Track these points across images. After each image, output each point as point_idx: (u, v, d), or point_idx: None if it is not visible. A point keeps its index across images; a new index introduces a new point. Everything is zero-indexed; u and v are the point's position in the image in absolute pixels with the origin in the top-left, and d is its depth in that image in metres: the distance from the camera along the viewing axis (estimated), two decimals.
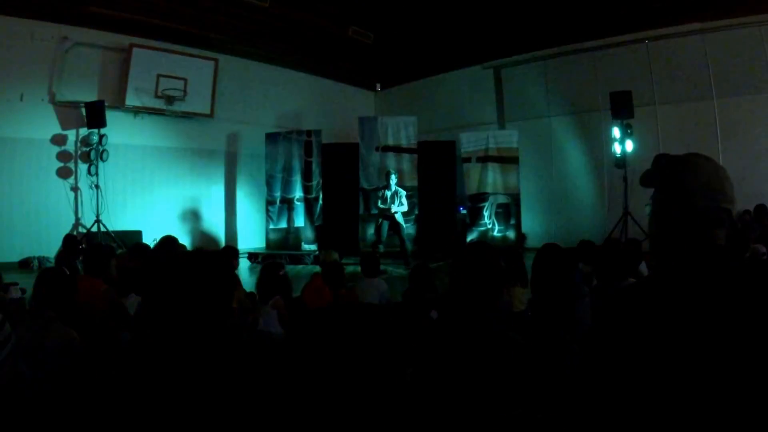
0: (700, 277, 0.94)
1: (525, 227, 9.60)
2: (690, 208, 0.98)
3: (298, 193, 9.28)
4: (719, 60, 8.15)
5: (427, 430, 1.82)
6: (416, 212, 9.03)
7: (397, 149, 9.20)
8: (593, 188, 9.40)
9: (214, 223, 9.91)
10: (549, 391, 2.18)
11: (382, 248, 7.91)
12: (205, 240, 9.40)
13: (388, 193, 7.89)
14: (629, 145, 8.13)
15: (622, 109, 8.03)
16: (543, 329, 2.73)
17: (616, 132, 8.26)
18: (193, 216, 9.57)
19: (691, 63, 8.38)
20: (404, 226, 8.13)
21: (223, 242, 9.66)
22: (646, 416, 0.89)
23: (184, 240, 8.63)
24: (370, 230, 8.76)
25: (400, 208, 7.89)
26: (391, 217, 7.86)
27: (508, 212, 9.24)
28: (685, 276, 0.96)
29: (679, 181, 1.01)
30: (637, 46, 8.82)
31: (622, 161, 8.11)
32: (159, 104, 8.77)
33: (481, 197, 9.29)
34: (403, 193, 8.03)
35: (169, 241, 3.69)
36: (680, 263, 0.98)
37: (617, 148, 8.25)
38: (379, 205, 7.96)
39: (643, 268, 4.40)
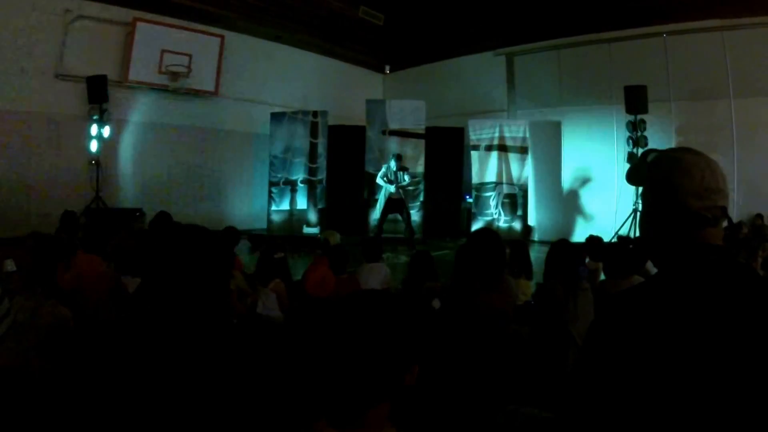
0: (701, 279, 0.90)
1: (532, 219, 9.50)
2: (683, 210, 0.93)
3: (301, 174, 9.19)
4: (738, 59, 7.98)
5: (430, 421, 1.76)
6: (421, 199, 8.95)
7: (404, 134, 9.08)
8: (603, 183, 9.26)
9: (215, 203, 9.83)
10: (551, 386, 2.11)
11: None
12: (205, 220, 9.31)
13: (392, 172, 7.93)
14: (642, 141, 8.00)
15: (636, 103, 7.92)
16: (548, 322, 2.67)
17: (628, 126, 8.12)
18: (194, 195, 9.48)
19: (709, 60, 8.21)
20: (410, 211, 8.16)
21: (224, 223, 9.58)
22: (640, 419, 0.86)
23: (184, 220, 8.57)
24: (372, 214, 8.73)
25: (402, 182, 7.96)
26: (397, 200, 7.85)
27: (515, 203, 9.15)
28: (685, 278, 0.91)
29: (671, 182, 0.94)
30: (654, 39, 8.63)
31: (633, 156, 7.98)
32: (163, 80, 8.63)
33: (488, 186, 9.18)
34: (405, 171, 8.10)
35: (163, 217, 3.60)
36: (678, 265, 0.94)
37: (629, 143, 8.12)
38: (383, 182, 7.96)
39: (650, 266, 4.31)
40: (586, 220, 9.21)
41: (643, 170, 1.02)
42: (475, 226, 8.81)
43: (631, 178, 1.05)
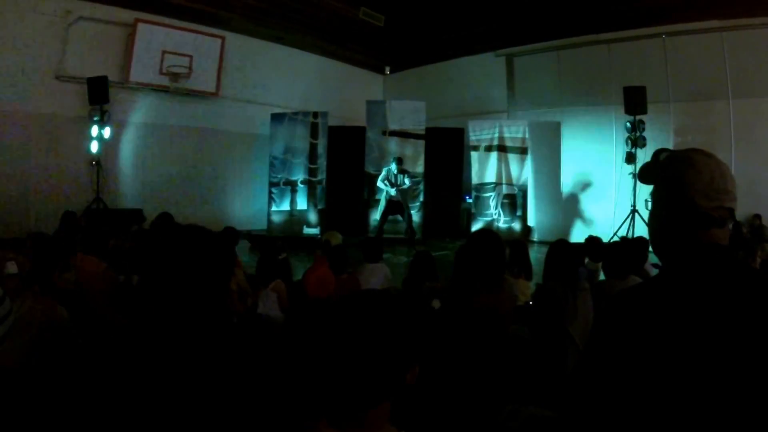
0: (704, 279, 0.90)
1: (531, 219, 9.51)
2: (691, 209, 0.94)
3: (301, 175, 9.19)
4: (737, 60, 7.99)
5: (430, 421, 1.77)
6: (421, 199, 8.97)
7: (405, 134, 9.10)
8: (602, 183, 9.27)
9: (216, 204, 9.83)
10: (550, 386, 2.12)
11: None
12: (206, 221, 9.29)
13: (393, 175, 8.01)
14: (641, 141, 8.01)
15: (635, 104, 7.92)
16: (547, 322, 2.68)
17: (627, 127, 8.13)
18: (194, 196, 9.48)
19: (707, 61, 8.21)
20: (410, 211, 8.23)
21: (224, 223, 9.58)
22: (642, 418, 0.86)
23: (185, 220, 8.59)
24: (373, 215, 8.74)
25: (403, 185, 8.04)
26: (397, 202, 7.89)
27: (515, 203, 9.16)
28: (687, 277, 0.92)
29: (681, 180, 0.96)
30: (653, 40, 8.63)
31: (632, 157, 7.99)
32: (163, 81, 8.63)
33: (488, 187, 9.20)
34: (406, 174, 8.16)
35: (165, 218, 3.61)
36: (682, 264, 0.95)
37: (628, 144, 8.13)
38: (384, 185, 8.04)
39: (649, 266, 4.32)
40: (585, 221, 9.23)
41: (655, 169, 1.04)
42: (475, 226, 8.82)
43: (644, 176, 1.07)
